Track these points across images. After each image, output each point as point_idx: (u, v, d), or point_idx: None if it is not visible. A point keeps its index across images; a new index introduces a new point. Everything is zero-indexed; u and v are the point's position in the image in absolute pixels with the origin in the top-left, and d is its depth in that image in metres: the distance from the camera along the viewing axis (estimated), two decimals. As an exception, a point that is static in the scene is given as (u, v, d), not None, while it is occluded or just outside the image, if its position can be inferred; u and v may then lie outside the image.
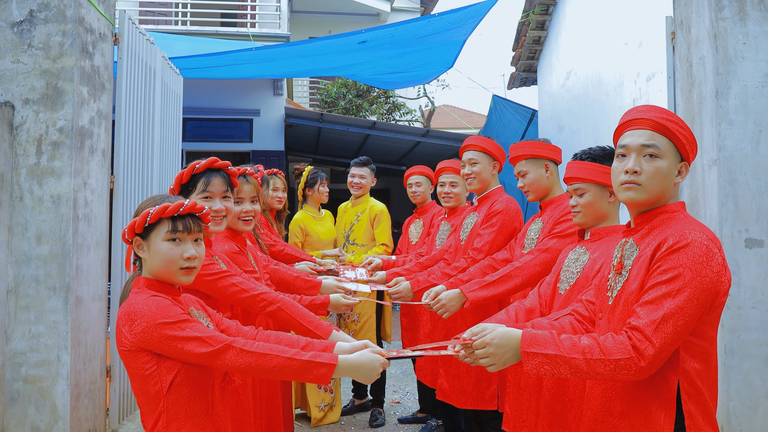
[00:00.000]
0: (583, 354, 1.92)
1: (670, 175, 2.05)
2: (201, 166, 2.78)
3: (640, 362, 1.86)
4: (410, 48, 8.76)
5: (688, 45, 4.72)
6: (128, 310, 2.01)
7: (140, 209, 2.16)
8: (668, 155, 2.04)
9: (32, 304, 4.09)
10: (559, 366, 1.95)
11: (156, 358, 2.01)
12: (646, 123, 2.06)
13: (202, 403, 2.08)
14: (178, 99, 6.37)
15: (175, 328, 1.96)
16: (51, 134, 4.18)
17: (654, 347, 1.85)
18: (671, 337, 1.85)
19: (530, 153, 3.46)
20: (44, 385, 4.08)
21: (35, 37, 4.22)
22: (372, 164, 5.61)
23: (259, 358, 2.02)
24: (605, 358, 1.89)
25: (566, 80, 10.08)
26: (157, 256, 2.11)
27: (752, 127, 4.34)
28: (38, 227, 4.12)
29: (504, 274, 3.41)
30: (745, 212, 4.31)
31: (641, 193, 2.05)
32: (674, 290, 1.87)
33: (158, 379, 2.00)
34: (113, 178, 4.79)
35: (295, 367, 2.04)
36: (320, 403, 5.27)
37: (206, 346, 1.97)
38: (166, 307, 2.00)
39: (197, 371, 2.06)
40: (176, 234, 2.13)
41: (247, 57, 8.45)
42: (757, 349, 4.28)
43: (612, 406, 2.06)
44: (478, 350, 2.07)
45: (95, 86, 4.50)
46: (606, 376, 1.91)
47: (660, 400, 1.94)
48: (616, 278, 2.12)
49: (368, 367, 2.15)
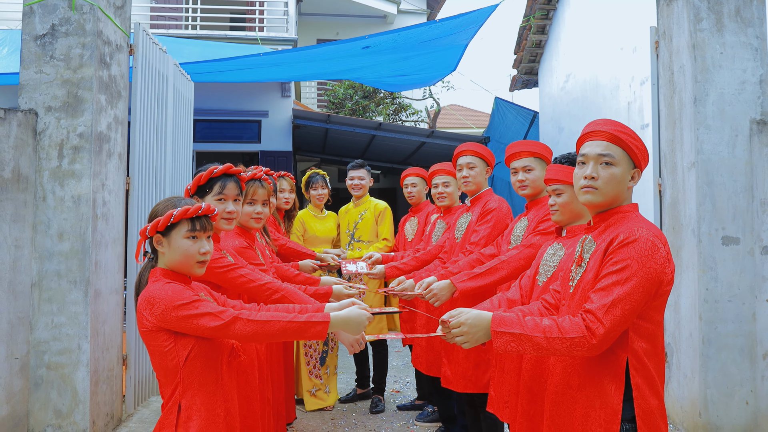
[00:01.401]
0: (543, 333, 2.22)
1: (624, 180, 2.35)
2: (219, 171, 3.10)
3: (592, 340, 2.14)
4: (413, 52, 8.94)
5: (669, 54, 4.98)
6: (148, 296, 2.32)
7: (158, 210, 2.47)
8: (622, 163, 2.33)
9: (55, 297, 4.40)
10: (524, 343, 2.24)
11: (173, 337, 2.32)
12: (602, 135, 2.36)
13: (212, 374, 2.40)
14: (189, 104, 6.68)
15: (189, 308, 2.28)
16: (72, 139, 4.48)
17: (604, 327, 2.13)
18: (619, 319, 2.14)
19: (539, 153, 3.75)
20: (66, 371, 4.39)
21: (57, 49, 4.53)
22: (367, 165, 5.92)
23: (263, 325, 2.35)
24: (562, 337, 2.19)
25: (566, 83, 10.30)
26: (178, 252, 2.43)
27: (729, 132, 4.61)
28: (60, 225, 4.43)
29: (491, 266, 3.71)
30: (722, 212, 4.59)
31: (598, 196, 2.34)
32: (623, 279, 2.16)
33: (175, 354, 2.32)
34: (129, 179, 5.10)
35: (295, 328, 2.38)
36: (311, 388, 5.59)
37: (218, 320, 2.29)
38: (180, 291, 2.32)
39: (209, 347, 2.38)
40: (195, 232, 2.45)
41: (255, 62, 8.71)
42: (733, 340, 4.55)
43: (571, 380, 2.36)
44: (454, 329, 2.38)
45: (112, 94, 4.81)
46: (563, 352, 2.21)
47: (611, 375, 2.23)
48: (576, 269, 2.42)
49: (356, 320, 2.54)
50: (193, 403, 2.34)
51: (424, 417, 5.26)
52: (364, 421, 5.35)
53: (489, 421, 3.95)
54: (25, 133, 4.39)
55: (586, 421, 2.27)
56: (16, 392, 4.30)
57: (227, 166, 3.11)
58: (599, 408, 2.23)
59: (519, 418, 3.16)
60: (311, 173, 5.95)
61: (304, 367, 5.61)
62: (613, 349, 2.23)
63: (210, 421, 2.35)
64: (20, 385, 4.32)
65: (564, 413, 2.37)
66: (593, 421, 2.24)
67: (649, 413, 2.19)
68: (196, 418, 2.32)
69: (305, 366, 5.61)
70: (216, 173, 3.09)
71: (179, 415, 2.31)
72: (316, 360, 5.62)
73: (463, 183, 4.37)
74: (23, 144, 4.38)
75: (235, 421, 2.49)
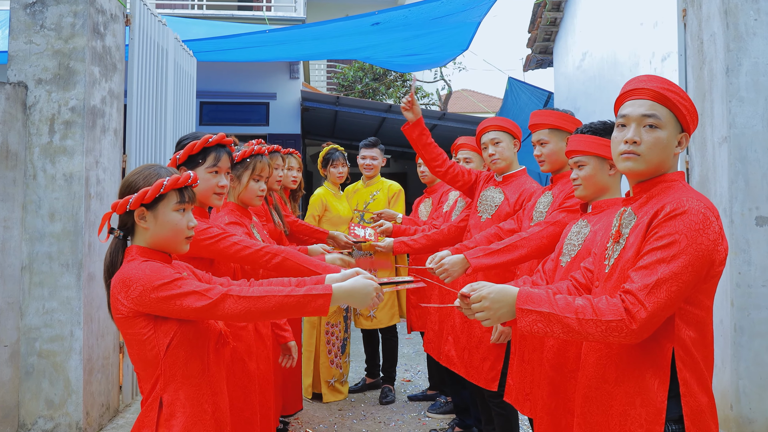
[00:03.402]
0: (576, 314, 1.93)
1: (670, 146, 2.04)
2: (214, 140, 2.81)
3: (632, 325, 1.86)
4: (424, 30, 8.68)
5: (699, 22, 4.67)
6: (123, 277, 2.04)
7: (137, 181, 2.16)
8: (668, 126, 2.03)
9: (46, 281, 4.16)
10: (552, 324, 1.95)
11: (153, 322, 2.05)
12: (646, 93, 2.05)
13: (198, 365, 2.11)
14: (191, 80, 6.42)
15: (171, 287, 2.00)
16: (63, 114, 4.23)
17: (646, 311, 1.85)
18: (664, 302, 1.85)
19: (554, 123, 3.37)
20: (58, 359, 4.15)
21: (47, 18, 4.27)
22: (381, 144, 5.61)
23: (257, 301, 2.06)
24: (597, 319, 1.90)
25: (582, 62, 10.00)
26: (167, 227, 2.15)
27: (763, 104, 4.30)
28: (51, 205, 4.18)
29: (510, 243, 3.36)
30: (756, 190, 4.28)
31: (640, 163, 2.04)
32: (669, 256, 1.87)
33: (155, 343, 2.04)
34: (125, 157, 4.84)
35: (293, 303, 2.08)
36: (330, 378, 5.32)
37: (204, 299, 2.01)
38: (160, 269, 2.04)
39: (193, 333, 2.10)
40: (183, 204, 2.17)
41: (261, 39, 8.45)
42: (767, 327, 4.26)
43: (606, 373, 2.06)
44: (475, 304, 2.08)
45: (107, 66, 4.54)
46: (597, 337, 1.92)
47: (654, 368, 1.94)
48: (614, 247, 2.12)
49: (362, 292, 2.18)
50: (176, 398, 2.05)
51: (436, 408, 5.01)
52: (373, 413, 5.09)
53: (502, 416, 3.69)
54: (14, 107, 4.14)
55: (625, 420, 1.98)
56: (6, 382, 4.07)
57: (221, 135, 2.82)
58: (640, 406, 1.94)
59: (539, 412, 2.89)
60: (330, 149, 5.60)
61: (324, 356, 5.34)
62: (656, 337, 1.94)
63: (196, 418, 2.06)
64: (10, 375, 4.09)
65: (598, 411, 2.08)
66: (633, 420, 1.95)
67: (698, 412, 1.91)
68: (180, 415, 2.03)
69: (326, 355, 5.34)
70: (211, 142, 2.80)
71: (160, 411, 2.02)
72: (338, 348, 5.36)
73: (491, 162, 3.94)
74: (12, 119, 4.13)
75: (224, 416, 2.20)
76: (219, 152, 2.82)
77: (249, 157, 3.30)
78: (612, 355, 2.06)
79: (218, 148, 2.82)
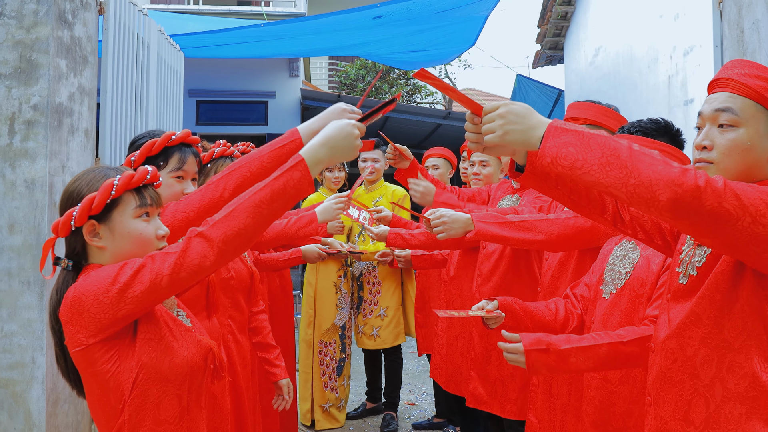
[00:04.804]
0: (629, 145, 1.45)
1: (756, 147, 1.56)
2: (177, 137, 2.33)
3: (698, 180, 1.38)
4: (429, 24, 8.32)
5: (738, 9, 4.21)
6: (72, 299, 1.62)
7: (79, 188, 1.71)
8: (750, 122, 1.55)
9: (4, 300, 3.69)
10: (591, 150, 1.45)
11: (116, 353, 1.62)
12: (726, 84, 1.59)
13: (174, 406, 1.68)
14: (178, 76, 5.94)
15: (124, 271, 1.60)
16: (25, 112, 3.77)
17: (723, 181, 1.40)
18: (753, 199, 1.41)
19: (593, 118, 2.83)
20: (17, 389, 3.69)
21: (7, 4, 3.81)
22: (383, 146, 5.08)
23: (232, 215, 1.64)
24: (653, 158, 1.42)
25: (595, 57, 9.58)
26: (128, 239, 1.71)
27: (814, 100, 3.83)
28: (11, 215, 3.72)
29: (528, 220, 2.82)
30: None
31: (714, 174, 1.55)
32: None
33: (118, 380, 1.61)
34: (98, 160, 4.37)
35: (267, 196, 1.66)
36: (324, 403, 4.84)
37: (169, 256, 1.60)
38: (108, 269, 1.63)
39: (168, 364, 1.67)
40: (146, 208, 1.73)
41: (257, 34, 8.03)
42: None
43: (691, 414, 1.58)
44: (487, 124, 1.68)
45: (76, 59, 4.07)
46: (651, 177, 1.40)
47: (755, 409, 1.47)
48: (695, 250, 1.65)
49: (339, 136, 1.82)
50: None
51: (444, 439, 4.54)
52: (374, 443, 4.61)
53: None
54: (-32, 105, 3.68)
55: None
56: (-42, 415, 3.60)
57: (186, 132, 2.33)
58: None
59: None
60: None
61: (318, 379, 4.86)
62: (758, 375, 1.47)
63: None
64: (-38, 407, 3.63)
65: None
66: None
67: None
68: None
69: (320, 377, 4.86)
70: (174, 140, 2.30)
71: None
72: (333, 370, 4.87)
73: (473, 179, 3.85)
74: (-34, 118, 3.67)
75: None
76: (184, 153, 2.33)
77: (210, 162, 2.86)
78: (698, 388, 1.56)
79: (183, 148, 2.34)
